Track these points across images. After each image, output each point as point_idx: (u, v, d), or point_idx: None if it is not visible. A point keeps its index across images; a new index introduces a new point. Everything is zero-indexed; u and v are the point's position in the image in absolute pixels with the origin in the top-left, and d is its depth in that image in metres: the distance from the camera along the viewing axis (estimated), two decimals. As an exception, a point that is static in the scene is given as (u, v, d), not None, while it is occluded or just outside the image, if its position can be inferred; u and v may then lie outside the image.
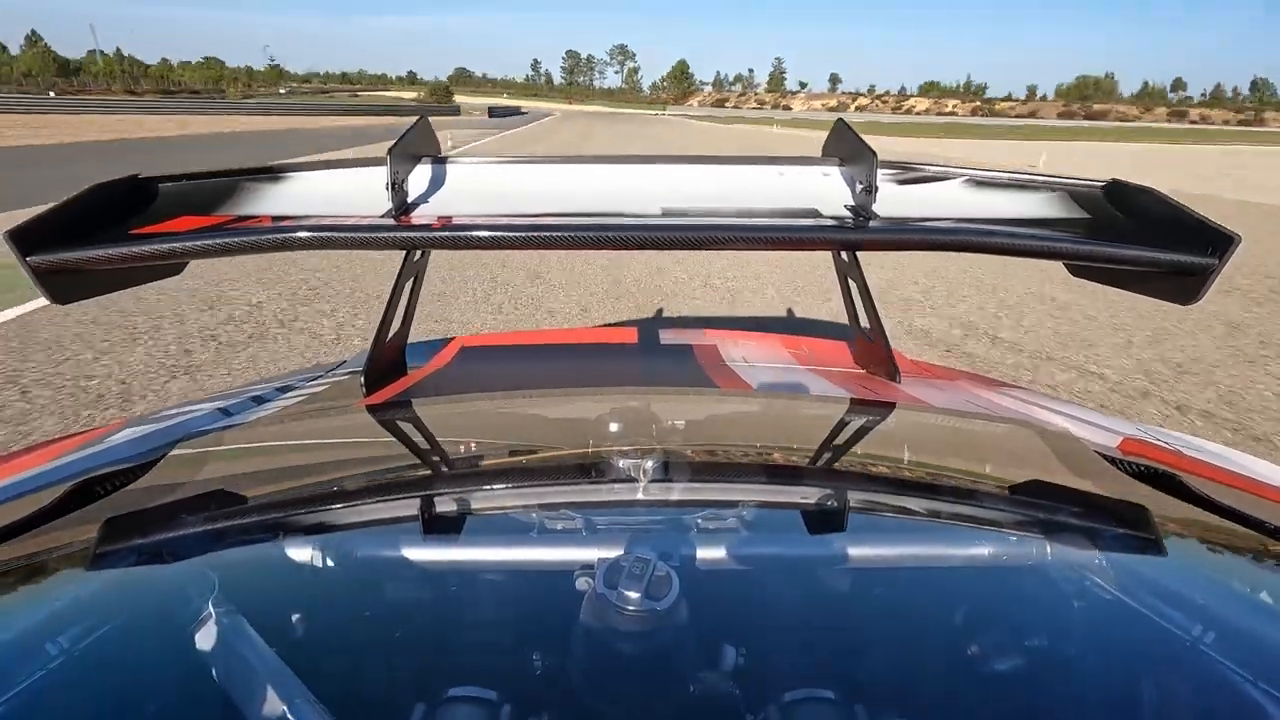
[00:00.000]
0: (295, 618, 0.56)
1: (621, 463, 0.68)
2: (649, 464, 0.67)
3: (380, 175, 0.84)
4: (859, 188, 0.86)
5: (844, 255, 1.16)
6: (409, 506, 0.68)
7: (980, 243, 0.79)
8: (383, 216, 0.81)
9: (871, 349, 1.17)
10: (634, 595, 0.47)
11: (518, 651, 0.53)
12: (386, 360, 1.10)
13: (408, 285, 1.11)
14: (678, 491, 0.67)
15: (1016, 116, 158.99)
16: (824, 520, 0.68)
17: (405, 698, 0.49)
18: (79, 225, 0.76)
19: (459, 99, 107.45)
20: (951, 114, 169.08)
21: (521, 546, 0.60)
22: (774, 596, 0.58)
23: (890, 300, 5.45)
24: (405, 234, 0.78)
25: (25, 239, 0.72)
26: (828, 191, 0.89)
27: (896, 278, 6.13)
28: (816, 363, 1.25)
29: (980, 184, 0.91)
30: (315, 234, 0.76)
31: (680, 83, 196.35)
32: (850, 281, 1.16)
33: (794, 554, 0.62)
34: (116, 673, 0.51)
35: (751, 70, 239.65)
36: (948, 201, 0.89)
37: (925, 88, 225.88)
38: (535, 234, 0.78)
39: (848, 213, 0.85)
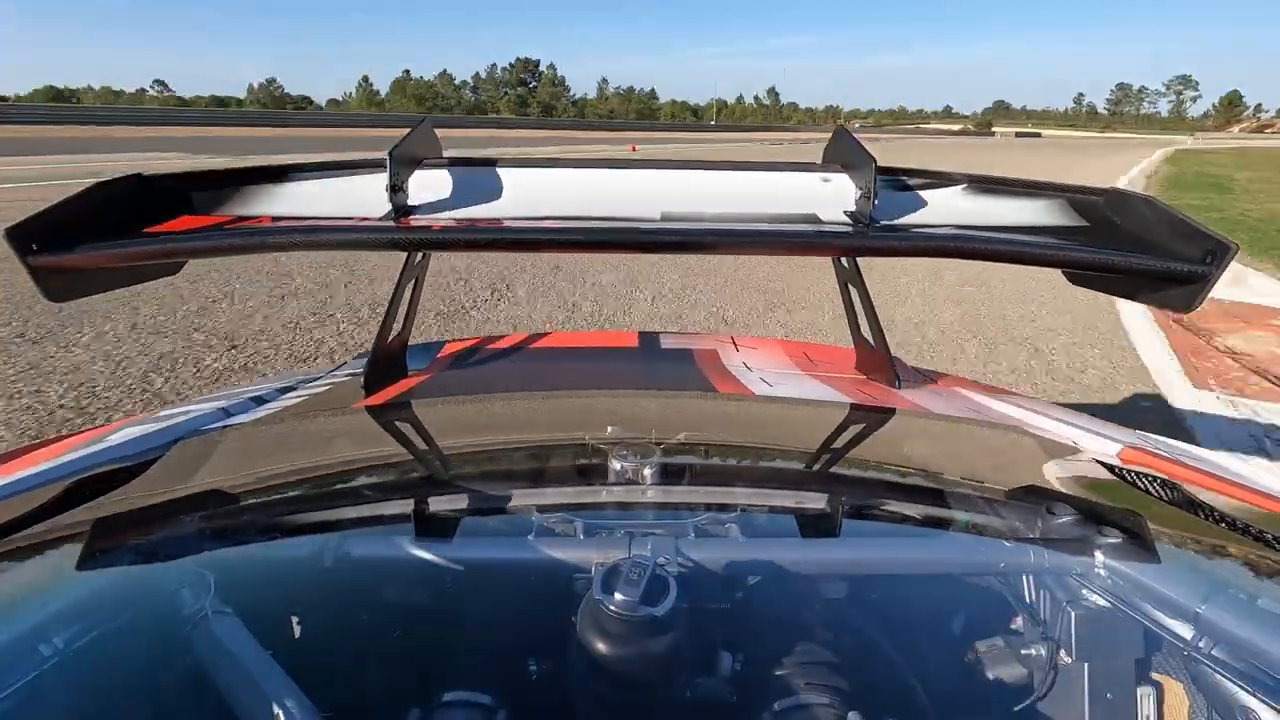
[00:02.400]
0: (291, 618, 0.56)
1: (620, 466, 0.67)
2: (647, 467, 0.67)
3: (380, 177, 0.84)
4: (859, 194, 0.86)
5: (844, 261, 1.15)
6: (407, 508, 0.67)
7: (979, 249, 0.79)
8: (383, 218, 0.81)
9: (872, 355, 1.17)
10: (631, 600, 0.46)
11: (513, 655, 0.53)
12: (386, 361, 1.10)
13: (408, 287, 1.11)
14: (676, 495, 0.66)
15: None
16: (822, 525, 0.68)
17: (399, 700, 0.49)
18: (79, 224, 0.76)
19: (997, 129, 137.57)
20: None
21: (519, 549, 0.60)
22: (771, 601, 0.58)
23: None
24: (405, 235, 0.78)
25: (25, 238, 0.71)
26: (828, 197, 0.89)
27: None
28: (816, 368, 1.25)
29: (980, 191, 0.91)
30: (314, 235, 0.76)
31: (1226, 111, 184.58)
32: (850, 287, 1.15)
33: (792, 559, 0.62)
34: (112, 671, 0.51)
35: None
36: (947, 208, 0.88)
37: None
38: (535, 236, 0.78)
39: (847, 219, 0.85)
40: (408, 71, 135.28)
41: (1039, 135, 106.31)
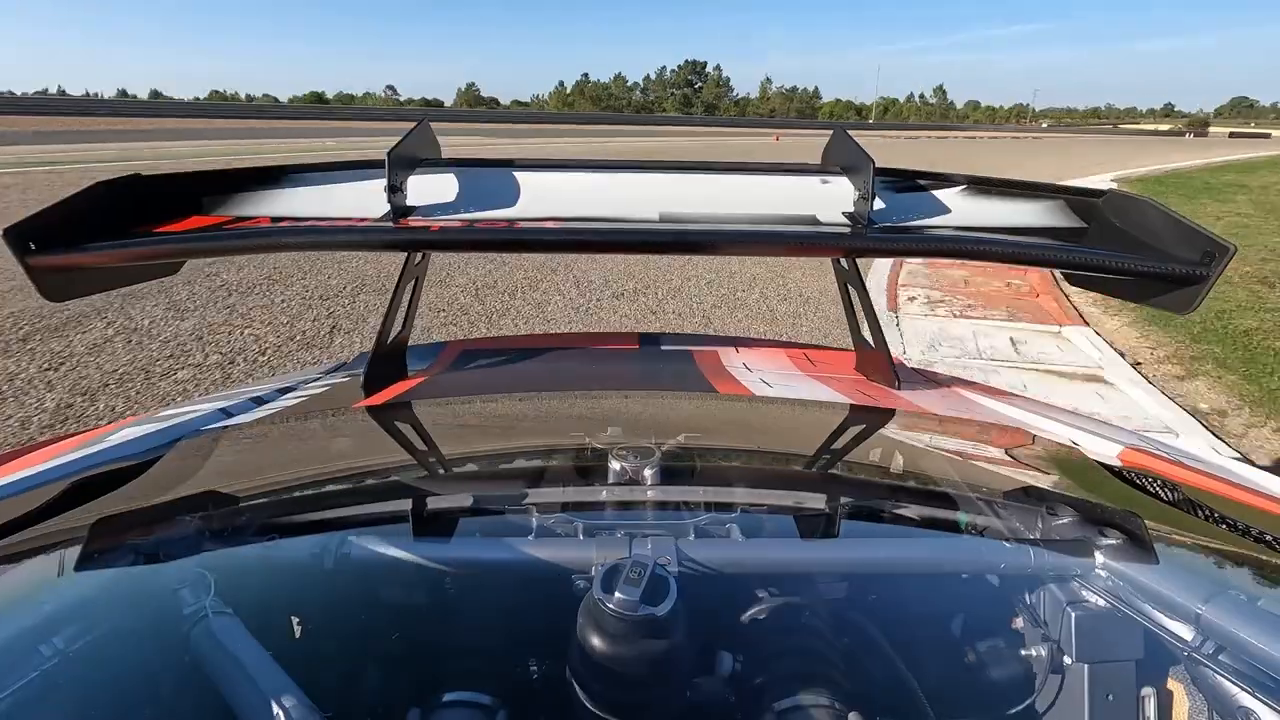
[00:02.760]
0: (291, 618, 0.56)
1: (620, 466, 0.67)
2: (648, 468, 0.67)
3: (380, 177, 0.84)
4: (857, 195, 0.86)
5: (844, 263, 1.14)
6: (407, 508, 0.68)
7: (977, 250, 0.80)
8: (381, 219, 0.81)
9: (872, 356, 1.17)
10: (631, 600, 0.46)
11: (514, 655, 0.54)
12: (386, 362, 1.10)
13: (408, 288, 1.11)
14: (676, 495, 0.67)
15: None
16: (822, 526, 0.68)
17: (399, 700, 0.49)
18: (78, 224, 0.76)
19: (1213, 130, 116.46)
20: None
21: (519, 550, 0.59)
22: (771, 601, 0.58)
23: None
24: (403, 236, 0.79)
25: (24, 238, 0.72)
26: (827, 199, 0.90)
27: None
28: (817, 369, 1.25)
29: (979, 192, 0.91)
30: (313, 235, 0.77)
31: None
32: (850, 288, 1.15)
33: (792, 559, 0.62)
34: (113, 671, 0.51)
35: None
36: (946, 209, 0.89)
37: None
38: (534, 236, 0.78)
39: (846, 219, 0.85)
40: (586, 75, 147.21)
41: (1267, 136, 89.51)
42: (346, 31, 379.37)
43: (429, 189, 0.89)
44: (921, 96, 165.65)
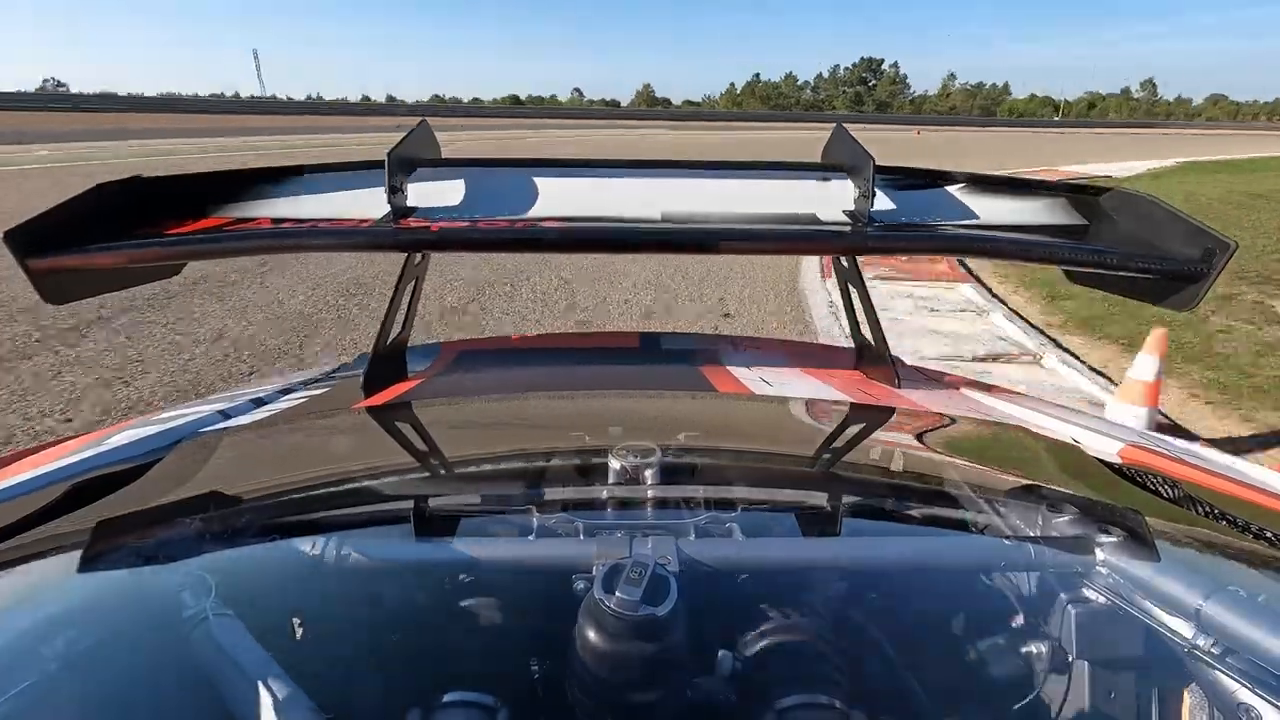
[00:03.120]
0: (292, 619, 0.56)
1: (620, 466, 0.67)
2: (648, 468, 0.67)
3: (379, 178, 0.84)
4: (858, 193, 0.86)
5: (844, 261, 1.14)
6: (407, 509, 0.68)
7: (978, 248, 0.80)
8: (381, 219, 0.81)
9: (872, 354, 1.16)
10: (632, 599, 0.46)
11: (515, 655, 0.54)
12: (386, 363, 1.11)
13: (408, 289, 1.11)
14: (676, 495, 0.66)
15: None
16: (822, 525, 0.68)
17: (400, 700, 0.49)
18: (78, 226, 0.76)
19: None
20: None
21: (519, 550, 0.60)
22: (772, 600, 0.58)
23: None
24: (402, 236, 0.79)
25: (24, 240, 0.72)
26: (828, 197, 0.90)
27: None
28: (817, 367, 1.24)
29: (979, 189, 0.91)
30: (313, 236, 0.77)
31: None
32: (850, 286, 1.14)
33: (792, 558, 0.62)
34: (114, 672, 0.51)
35: None
36: (946, 207, 0.89)
37: None
38: (534, 236, 0.79)
39: (847, 218, 0.85)
40: (758, 75, 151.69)
41: None
42: (541, 39, 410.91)
43: (429, 189, 0.89)
44: (1126, 90, 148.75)
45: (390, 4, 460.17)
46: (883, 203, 0.87)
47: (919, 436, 0.94)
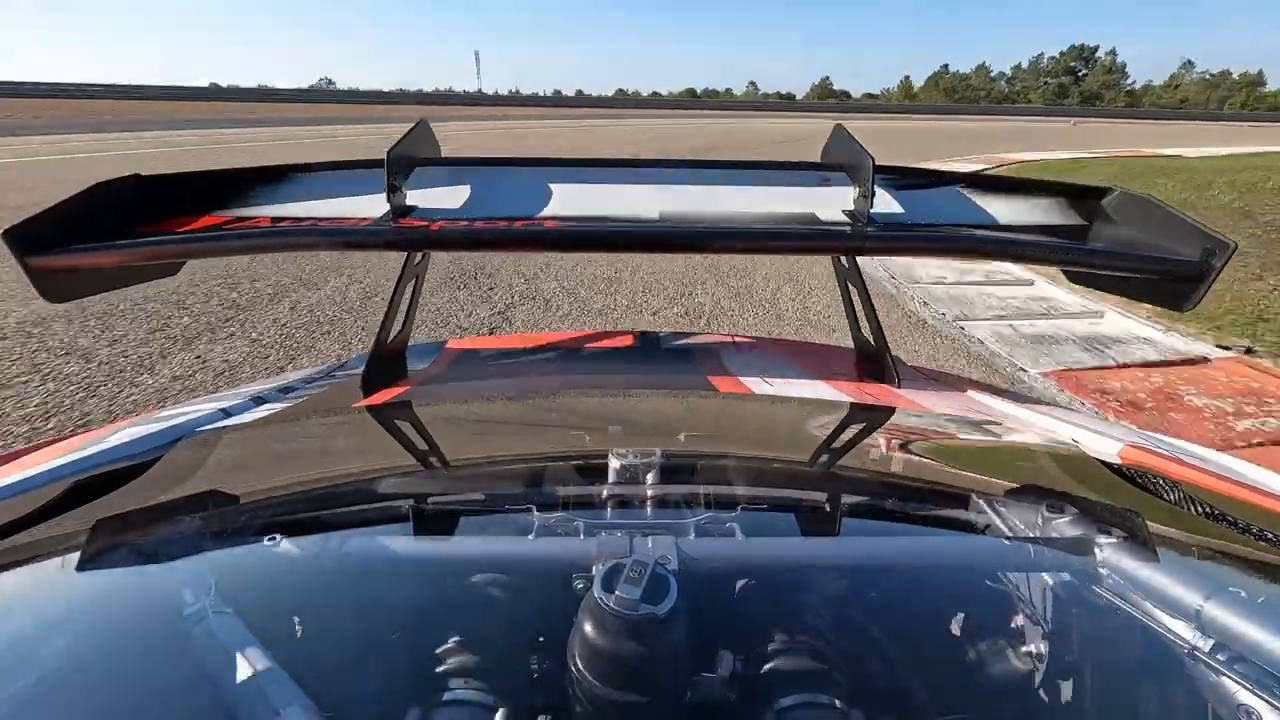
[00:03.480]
0: (291, 618, 0.56)
1: (620, 465, 0.68)
2: (648, 467, 0.67)
3: (379, 177, 0.84)
4: (857, 193, 0.86)
5: (844, 260, 1.16)
6: (407, 508, 0.68)
7: (977, 248, 0.80)
8: (381, 218, 0.82)
9: (872, 354, 1.17)
10: (632, 598, 0.46)
11: (514, 655, 0.54)
12: (386, 362, 1.11)
13: (408, 288, 1.11)
14: (676, 494, 0.67)
15: None
16: (822, 524, 0.68)
17: (400, 699, 0.49)
18: (78, 225, 0.77)
19: None
20: None
21: (519, 549, 0.60)
22: (772, 600, 0.58)
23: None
24: (402, 236, 0.79)
25: (24, 239, 0.72)
26: (827, 196, 0.90)
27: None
28: (817, 367, 1.24)
29: (979, 190, 0.92)
30: (313, 235, 0.78)
31: None
32: (850, 286, 1.15)
33: (792, 557, 0.63)
34: (113, 671, 0.52)
35: None
36: (946, 207, 0.89)
37: None
38: (533, 235, 0.79)
39: (846, 217, 0.85)
40: (945, 66, 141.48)
41: None
42: (719, 34, 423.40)
43: (428, 188, 0.89)
44: None
45: (585, 6, 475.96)
46: (883, 203, 0.87)
47: (919, 436, 0.95)
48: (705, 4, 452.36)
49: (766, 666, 0.52)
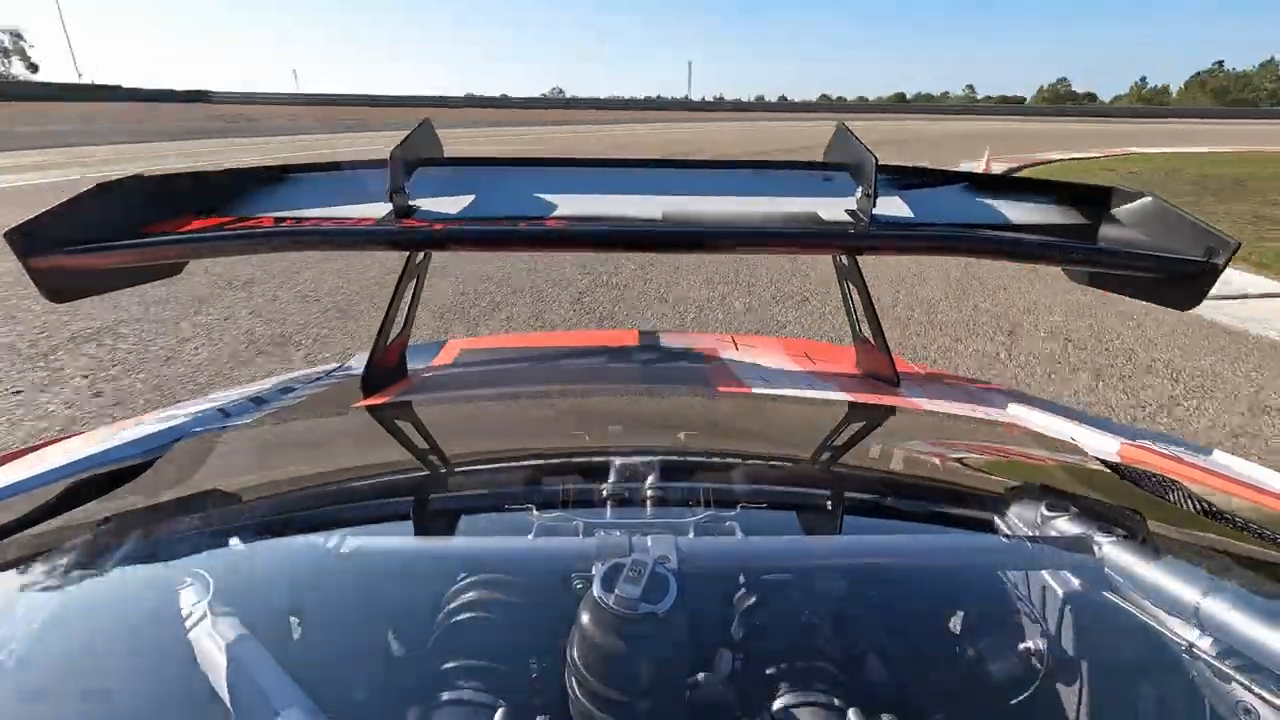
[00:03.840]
0: (291, 618, 0.56)
1: (620, 464, 0.68)
2: (648, 466, 0.67)
3: (382, 177, 0.84)
4: (860, 192, 0.86)
5: (844, 259, 1.16)
6: (406, 508, 0.68)
7: (979, 247, 0.81)
8: (383, 218, 0.82)
9: (872, 353, 1.17)
10: (632, 598, 0.46)
11: (514, 654, 0.54)
12: (386, 362, 1.11)
13: (409, 287, 1.11)
14: (676, 493, 0.67)
15: None
16: (822, 523, 0.68)
17: (400, 699, 0.50)
18: (80, 225, 0.77)
19: None
20: None
21: (519, 548, 0.61)
22: (772, 599, 0.58)
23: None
24: (405, 235, 0.80)
25: (25, 239, 0.73)
26: (829, 196, 0.90)
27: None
28: (817, 366, 1.25)
29: (981, 189, 0.92)
30: (315, 235, 0.78)
31: None
32: (850, 285, 1.15)
33: (792, 557, 0.63)
34: (112, 670, 0.52)
35: None
36: (948, 206, 0.89)
37: None
38: (536, 235, 0.79)
39: (848, 217, 0.85)
40: (1220, 62, 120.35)
41: None
42: (936, 37, 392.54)
43: (432, 188, 0.89)
44: None
45: (796, 11, 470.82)
46: (885, 202, 0.87)
47: (919, 436, 0.95)
48: (924, 4, 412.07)
49: (766, 665, 0.52)
